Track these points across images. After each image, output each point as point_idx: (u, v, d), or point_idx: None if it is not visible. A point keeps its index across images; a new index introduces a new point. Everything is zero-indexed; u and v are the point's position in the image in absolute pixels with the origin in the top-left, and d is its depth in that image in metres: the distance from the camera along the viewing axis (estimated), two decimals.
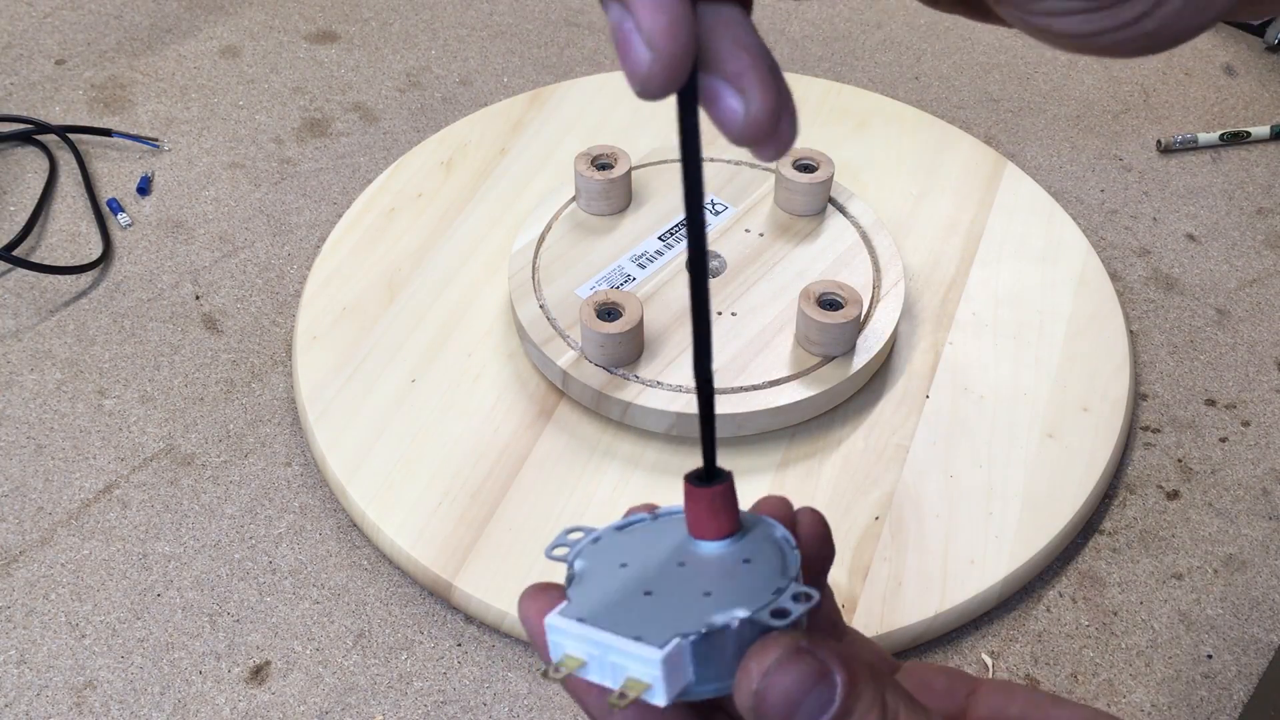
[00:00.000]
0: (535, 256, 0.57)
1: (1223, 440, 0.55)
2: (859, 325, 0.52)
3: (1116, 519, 0.53)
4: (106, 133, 0.69)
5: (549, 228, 0.58)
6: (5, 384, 0.57)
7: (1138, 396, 0.57)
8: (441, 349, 0.57)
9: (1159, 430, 0.56)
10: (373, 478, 0.52)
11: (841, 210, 0.59)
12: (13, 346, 0.58)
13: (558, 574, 0.29)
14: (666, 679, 0.25)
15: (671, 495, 0.30)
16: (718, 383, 0.51)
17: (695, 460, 0.28)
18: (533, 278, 0.56)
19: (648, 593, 0.27)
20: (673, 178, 0.55)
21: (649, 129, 0.68)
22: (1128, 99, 0.74)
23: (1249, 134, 0.71)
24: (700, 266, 0.26)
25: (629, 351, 0.52)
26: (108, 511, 0.52)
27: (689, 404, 0.51)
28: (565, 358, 0.52)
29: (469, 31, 0.79)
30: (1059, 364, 0.56)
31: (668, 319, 0.54)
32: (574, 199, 0.59)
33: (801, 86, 0.71)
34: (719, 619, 0.25)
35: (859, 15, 0.80)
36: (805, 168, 0.57)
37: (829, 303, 0.52)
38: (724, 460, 0.27)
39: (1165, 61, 0.77)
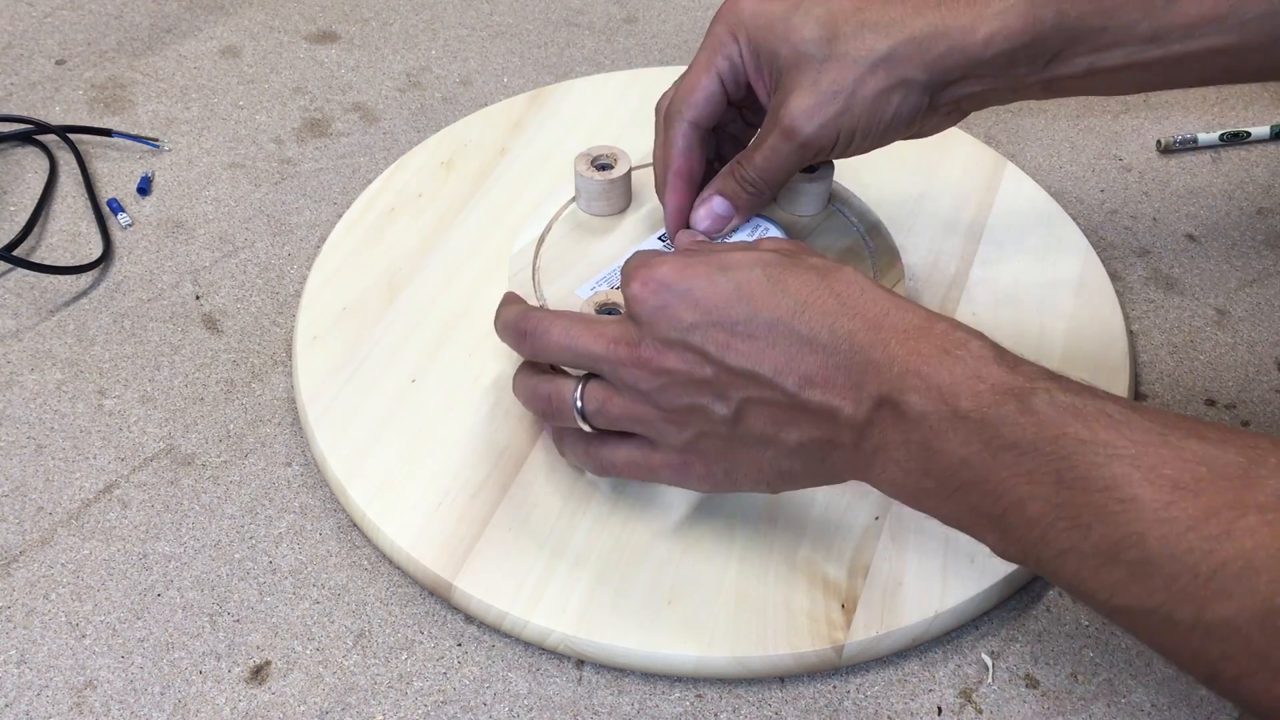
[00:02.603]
0: (535, 257, 0.57)
1: None
2: None
3: None
4: (107, 133, 0.69)
5: (549, 228, 0.58)
6: (5, 384, 0.57)
7: (1138, 396, 0.57)
8: (441, 349, 0.57)
9: None
10: (373, 478, 0.52)
11: (842, 210, 0.59)
12: (13, 346, 0.58)
13: None
14: None
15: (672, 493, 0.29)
16: None
17: None
18: (533, 278, 0.56)
19: None
20: None
21: (649, 129, 0.68)
22: (1128, 99, 0.74)
23: (1249, 134, 0.71)
24: None
25: None
26: (108, 511, 0.52)
27: None
28: None
29: (469, 31, 0.79)
30: (1059, 364, 0.56)
31: None
32: (574, 199, 0.59)
33: None
34: None
35: None
36: (806, 168, 0.57)
37: None
38: None
39: None
